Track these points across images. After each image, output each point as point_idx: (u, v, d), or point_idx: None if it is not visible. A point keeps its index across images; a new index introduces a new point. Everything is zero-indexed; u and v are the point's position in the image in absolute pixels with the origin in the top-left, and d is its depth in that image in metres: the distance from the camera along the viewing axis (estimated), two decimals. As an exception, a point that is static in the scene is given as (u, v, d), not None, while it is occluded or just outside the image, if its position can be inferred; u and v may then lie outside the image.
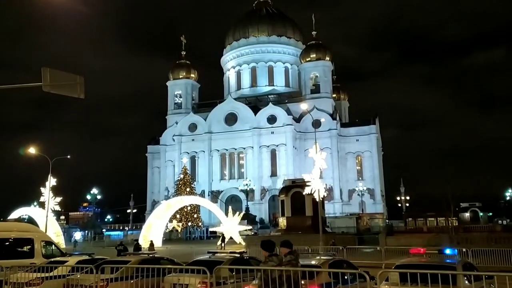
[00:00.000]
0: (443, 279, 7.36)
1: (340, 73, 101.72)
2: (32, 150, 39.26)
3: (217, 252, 13.88)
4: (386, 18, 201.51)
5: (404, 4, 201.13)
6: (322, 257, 11.77)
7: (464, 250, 19.06)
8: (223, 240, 36.35)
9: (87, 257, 13.20)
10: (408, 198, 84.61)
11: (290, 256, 8.24)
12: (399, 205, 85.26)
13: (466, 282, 8.49)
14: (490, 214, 78.06)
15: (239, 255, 12.59)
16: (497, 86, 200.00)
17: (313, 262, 10.89)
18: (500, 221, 63.99)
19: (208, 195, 79.76)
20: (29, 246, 14.80)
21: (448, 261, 9.86)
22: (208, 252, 13.58)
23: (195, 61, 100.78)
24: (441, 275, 7.40)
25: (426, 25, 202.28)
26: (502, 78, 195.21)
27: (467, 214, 74.76)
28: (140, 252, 20.43)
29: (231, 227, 42.14)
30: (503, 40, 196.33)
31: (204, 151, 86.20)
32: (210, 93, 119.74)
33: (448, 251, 10.26)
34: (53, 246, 15.97)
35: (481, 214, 75.47)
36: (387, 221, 68.61)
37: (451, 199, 44.82)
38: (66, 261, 12.57)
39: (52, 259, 13.41)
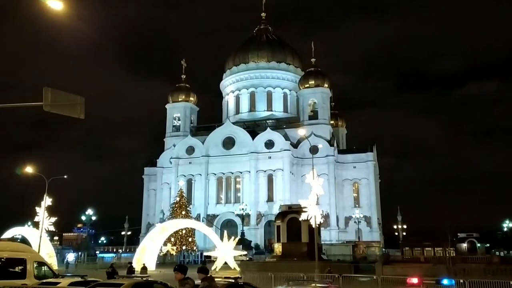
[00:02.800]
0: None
1: (337, 100, 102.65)
2: (29, 169, 39.07)
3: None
4: (382, 49, 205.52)
5: (399, 36, 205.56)
6: (317, 285, 11.64)
7: (461, 281, 18.83)
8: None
9: (79, 279, 13.00)
10: (405, 227, 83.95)
11: (204, 282, 8.67)
12: (396, 233, 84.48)
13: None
14: (488, 245, 77.45)
15: (233, 281, 12.43)
16: (491, 117, 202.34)
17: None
18: (497, 253, 63.35)
19: (202, 220, 79.01)
20: (21, 267, 14.54)
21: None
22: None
23: (194, 85, 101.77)
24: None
25: (421, 56, 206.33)
26: (496, 109, 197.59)
27: (465, 245, 74.15)
28: (133, 275, 20.10)
29: (226, 252, 41.57)
30: (496, 73, 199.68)
31: (201, 175, 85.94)
32: (209, 117, 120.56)
33: (445, 281, 10.16)
34: (45, 267, 15.71)
35: (479, 245, 74.85)
36: (383, 249, 67.89)
37: (449, 229, 44.70)
38: (59, 283, 12.37)
39: (44, 281, 13.20)
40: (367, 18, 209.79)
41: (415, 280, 10.17)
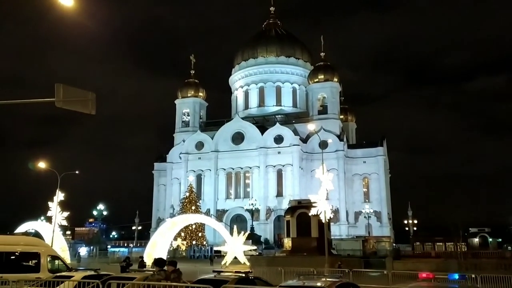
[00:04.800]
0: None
1: (346, 95, 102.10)
2: (41, 165, 39.56)
3: (222, 271, 13.75)
4: (390, 44, 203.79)
5: (408, 30, 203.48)
6: (328, 279, 11.63)
7: (473, 276, 18.70)
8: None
9: (93, 273, 13.15)
10: (416, 221, 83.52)
11: (174, 274, 10.08)
12: (407, 228, 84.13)
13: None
14: (500, 240, 76.70)
15: (244, 275, 12.47)
16: (501, 111, 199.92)
17: (318, 284, 10.77)
18: (509, 247, 62.76)
19: (210, 214, 79.25)
20: (35, 260, 14.77)
21: (457, 286, 9.70)
22: (213, 271, 13.47)
23: (203, 80, 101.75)
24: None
25: (430, 51, 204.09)
26: (506, 104, 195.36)
27: (476, 240, 73.64)
28: (145, 269, 20.27)
29: (236, 246, 41.68)
30: (506, 67, 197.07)
31: (210, 170, 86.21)
32: (218, 112, 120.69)
33: (457, 276, 10.11)
34: (59, 260, 15.93)
35: (490, 239, 74.22)
36: (394, 244, 67.58)
37: (460, 224, 44.29)
38: (72, 276, 12.53)
39: (58, 274, 13.38)
40: (376, 13, 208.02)
41: (428, 276, 10.13)
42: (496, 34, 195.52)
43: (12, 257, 14.63)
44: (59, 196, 40.66)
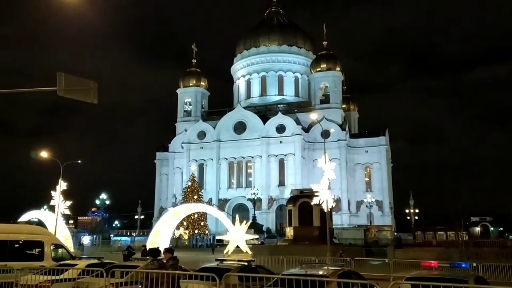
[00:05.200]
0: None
1: (348, 84, 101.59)
2: (43, 154, 39.64)
3: (225, 260, 13.84)
4: (392, 33, 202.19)
5: (410, 20, 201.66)
6: (330, 268, 11.68)
7: (474, 264, 18.76)
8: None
9: (96, 261, 13.24)
10: (417, 211, 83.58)
11: (172, 261, 10.07)
12: (408, 218, 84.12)
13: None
14: (501, 229, 76.81)
15: (247, 263, 12.55)
16: (503, 101, 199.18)
17: (320, 272, 10.81)
18: (511, 236, 62.92)
19: (212, 203, 79.53)
20: (39, 249, 14.86)
21: (459, 274, 9.71)
22: (216, 260, 13.56)
23: (205, 70, 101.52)
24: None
25: (432, 40, 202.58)
26: (508, 93, 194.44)
27: (478, 229, 73.75)
28: (147, 257, 20.42)
29: (238, 236, 41.89)
30: (508, 56, 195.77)
31: (212, 159, 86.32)
32: (220, 102, 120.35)
33: (459, 264, 10.13)
34: (62, 249, 16.03)
35: (492, 229, 74.33)
36: (395, 233, 67.84)
37: (462, 213, 44.38)
38: (76, 264, 12.62)
39: (62, 262, 13.47)
40: (378, 2, 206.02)
41: (431, 264, 10.14)
42: (498, 23, 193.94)
43: (16, 246, 14.71)
44: (62, 185, 40.81)
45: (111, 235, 78.90)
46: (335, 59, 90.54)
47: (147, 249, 11.56)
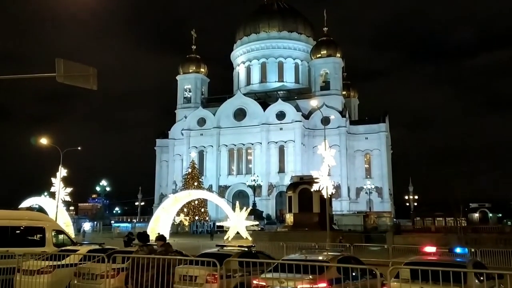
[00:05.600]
0: (454, 277, 7.32)
1: (349, 71, 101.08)
2: (43, 141, 39.68)
3: (225, 246, 13.95)
4: (392, 19, 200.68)
5: (410, 6, 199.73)
6: (330, 253, 11.78)
7: (473, 250, 18.91)
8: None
9: (97, 247, 13.34)
10: (416, 197, 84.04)
11: (162, 247, 10.27)
12: (407, 204, 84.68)
13: (477, 281, 8.44)
14: (500, 215, 77.21)
15: (247, 249, 12.65)
16: (503, 87, 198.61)
17: (320, 258, 10.90)
18: (509, 223, 63.27)
19: (212, 190, 79.80)
20: (40, 235, 14.93)
21: (458, 259, 9.79)
22: (217, 245, 13.66)
23: (205, 56, 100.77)
24: (451, 274, 7.34)
25: (432, 27, 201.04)
26: (508, 79, 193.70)
27: (476, 215, 74.10)
28: (148, 243, 20.59)
29: (238, 222, 42.13)
30: (508, 42, 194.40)
31: (212, 146, 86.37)
32: (220, 88, 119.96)
33: (458, 249, 10.20)
34: (63, 235, 16.13)
35: (491, 215, 74.68)
36: (394, 220, 68.24)
37: (460, 199, 44.49)
38: (77, 250, 12.71)
39: (63, 248, 13.56)
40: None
41: (431, 249, 10.21)
42: (498, 10, 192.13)
43: (17, 232, 14.78)
44: (62, 172, 40.93)
45: (112, 222, 79.33)
46: (335, 45, 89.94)
47: (138, 234, 11.52)
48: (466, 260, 9.96)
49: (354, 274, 9.46)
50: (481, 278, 8.55)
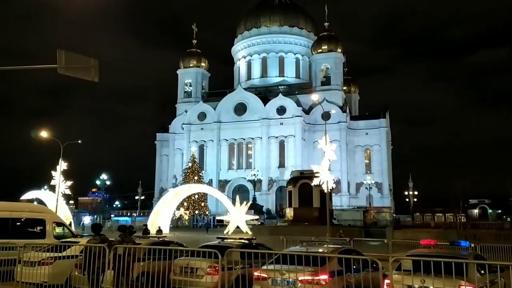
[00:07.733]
0: (456, 270, 7.31)
1: (349, 66, 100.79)
2: (43, 134, 39.65)
3: (226, 238, 13.98)
4: (391, 15, 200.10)
5: (409, 2, 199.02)
6: (331, 246, 11.79)
7: (472, 245, 18.91)
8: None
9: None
10: (416, 193, 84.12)
11: (119, 237, 11.14)
12: (407, 199, 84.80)
13: (478, 274, 8.43)
14: (499, 211, 77.32)
15: (247, 242, 12.69)
16: (502, 84, 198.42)
17: (320, 250, 10.90)
18: (508, 219, 63.39)
19: (212, 184, 79.84)
20: (40, 227, 14.92)
21: (464, 253, 9.77)
22: (218, 238, 13.68)
23: (206, 51, 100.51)
24: (453, 266, 7.34)
25: (431, 23, 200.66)
26: (507, 76, 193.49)
27: (476, 211, 74.15)
28: (149, 235, 20.61)
29: (238, 216, 42.20)
30: (507, 40, 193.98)
31: (212, 140, 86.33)
32: (220, 83, 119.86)
33: (459, 243, 10.20)
34: (64, 227, 16.12)
35: (490, 211, 74.77)
36: (394, 215, 68.37)
37: (460, 195, 44.54)
38: (78, 242, 12.71)
39: (64, 240, 13.57)
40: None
41: (429, 242, 10.22)
42: (498, 6, 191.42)
43: (18, 223, 14.77)
44: (62, 165, 40.92)
45: (112, 215, 79.42)
46: (336, 40, 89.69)
47: (92, 225, 12.06)
48: (467, 253, 9.96)
49: (355, 266, 9.47)
50: (482, 271, 8.55)
